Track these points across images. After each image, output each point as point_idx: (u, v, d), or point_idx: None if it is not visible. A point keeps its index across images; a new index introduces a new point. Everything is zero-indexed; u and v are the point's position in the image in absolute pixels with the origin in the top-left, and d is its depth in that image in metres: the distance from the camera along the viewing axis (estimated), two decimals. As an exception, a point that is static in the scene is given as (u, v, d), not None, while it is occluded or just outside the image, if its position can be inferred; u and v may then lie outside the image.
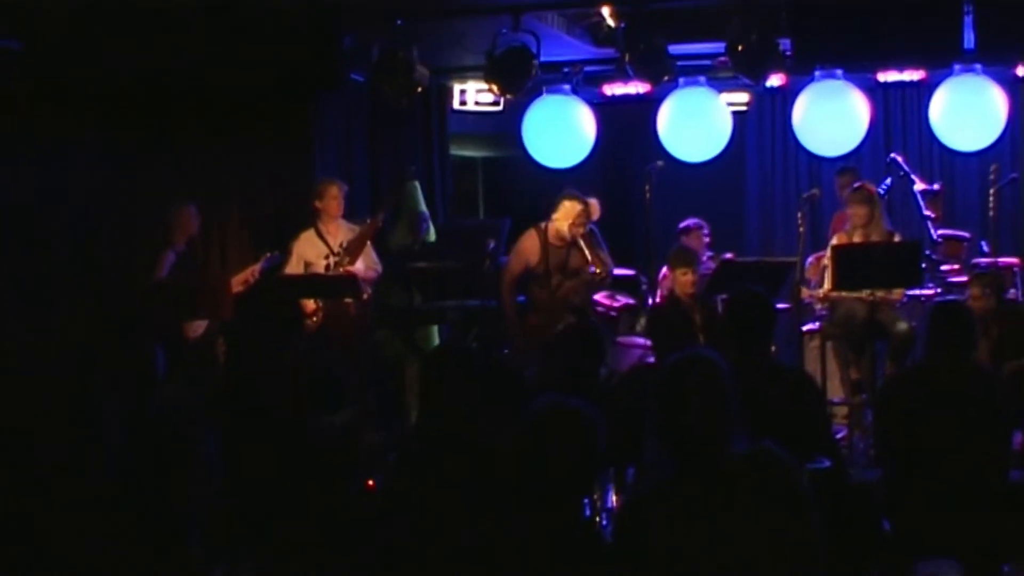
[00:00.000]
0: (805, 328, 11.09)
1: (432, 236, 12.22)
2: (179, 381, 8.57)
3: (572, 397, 4.43)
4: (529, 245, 10.65)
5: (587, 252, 10.36)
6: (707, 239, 12.31)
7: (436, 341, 11.70)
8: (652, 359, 10.52)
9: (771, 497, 4.28)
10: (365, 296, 10.79)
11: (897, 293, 10.44)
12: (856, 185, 10.99)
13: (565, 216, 10.46)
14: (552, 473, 4.23)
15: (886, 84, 12.54)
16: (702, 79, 12.35)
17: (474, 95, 13.41)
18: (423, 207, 12.32)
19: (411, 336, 11.60)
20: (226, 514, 5.65)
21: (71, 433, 4.50)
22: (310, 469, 7.11)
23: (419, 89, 11.22)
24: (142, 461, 4.16)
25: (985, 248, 11.40)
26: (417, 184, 12.35)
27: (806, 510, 4.31)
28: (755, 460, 4.35)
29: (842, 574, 6.21)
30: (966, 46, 10.71)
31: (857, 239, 10.45)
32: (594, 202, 11.31)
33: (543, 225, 10.59)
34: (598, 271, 10.37)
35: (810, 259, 11.23)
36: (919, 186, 11.40)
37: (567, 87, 12.61)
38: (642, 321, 11.32)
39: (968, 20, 10.37)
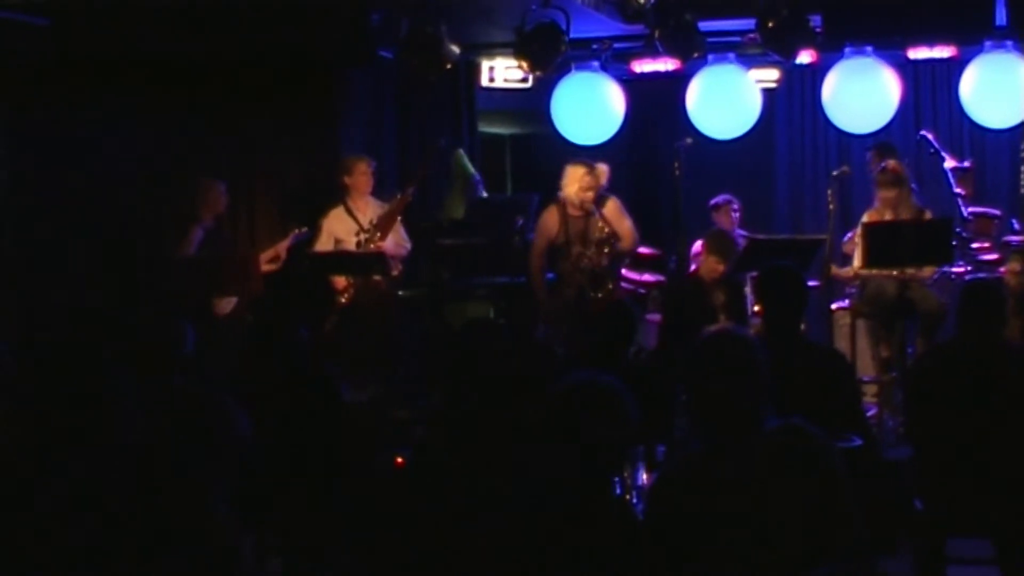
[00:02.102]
0: (835, 306, 11.03)
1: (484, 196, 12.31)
2: (209, 357, 8.58)
3: (603, 373, 4.40)
4: (548, 218, 10.74)
5: (602, 219, 10.44)
6: (737, 215, 12.27)
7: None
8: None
9: (803, 473, 4.25)
10: (395, 273, 10.80)
11: (928, 270, 10.36)
12: (883, 166, 10.88)
13: (571, 182, 10.60)
14: (583, 450, 4.20)
15: (916, 61, 12.42)
16: (731, 56, 12.26)
17: (503, 72, 13.32)
18: (473, 170, 12.34)
19: (441, 312, 11.59)
20: (255, 488, 5.63)
21: (95, 405, 4.50)
22: (337, 445, 7.11)
23: (448, 66, 11.18)
24: (170, 435, 4.13)
25: (1016, 226, 11.33)
26: (463, 152, 12.38)
27: (839, 486, 4.28)
28: (786, 436, 4.32)
29: (873, 553, 6.18)
30: (998, 23, 10.63)
31: (888, 217, 10.39)
32: (602, 167, 11.29)
33: (561, 199, 10.66)
34: (606, 231, 10.42)
35: (848, 235, 11.14)
36: (949, 163, 11.28)
37: (596, 64, 12.52)
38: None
39: (1000, -3, 10.30)
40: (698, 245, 11.09)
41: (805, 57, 11.79)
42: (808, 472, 4.27)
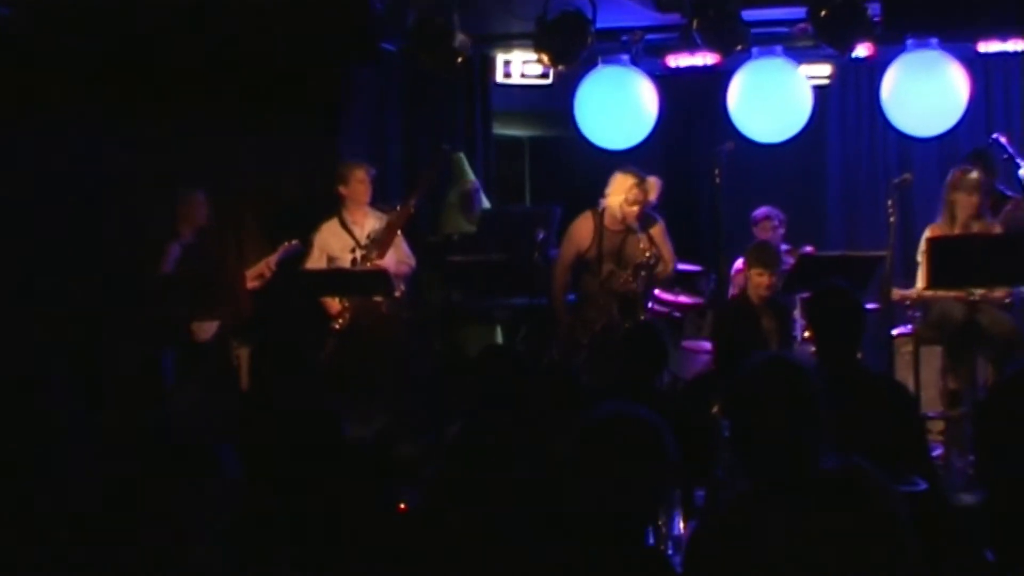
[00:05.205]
0: (896, 331, 11.00)
1: (487, 206, 12.34)
2: (190, 387, 8.60)
3: (636, 406, 4.39)
4: (582, 227, 10.74)
5: (644, 239, 10.43)
6: (780, 231, 12.26)
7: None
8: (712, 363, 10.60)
9: (864, 521, 4.25)
10: (398, 293, 10.79)
11: (1000, 292, 10.33)
12: (964, 169, 10.84)
13: (617, 191, 10.59)
14: (614, 493, 4.19)
15: (986, 55, 12.43)
16: (778, 49, 12.26)
17: (520, 67, 13.34)
18: (472, 176, 12.37)
19: (451, 337, 11.61)
20: (247, 528, 5.67)
21: (48, 439, 4.57)
22: (339, 484, 7.11)
23: (459, 60, 11.20)
24: (145, 474, 4.16)
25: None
26: (462, 155, 12.42)
27: (902, 534, 4.27)
28: (846, 479, 4.31)
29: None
30: (1078, 11, 10.65)
31: (956, 231, 10.36)
32: (653, 180, 11.34)
33: (600, 208, 10.65)
34: (648, 255, 10.41)
35: None
36: (1025, 170, 11.29)
37: (625, 57, 12.53)
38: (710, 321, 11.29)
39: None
40: (739, 263, 11.07)
41: (862, 51, 11.80)
42: (868, 519, 4.26)
